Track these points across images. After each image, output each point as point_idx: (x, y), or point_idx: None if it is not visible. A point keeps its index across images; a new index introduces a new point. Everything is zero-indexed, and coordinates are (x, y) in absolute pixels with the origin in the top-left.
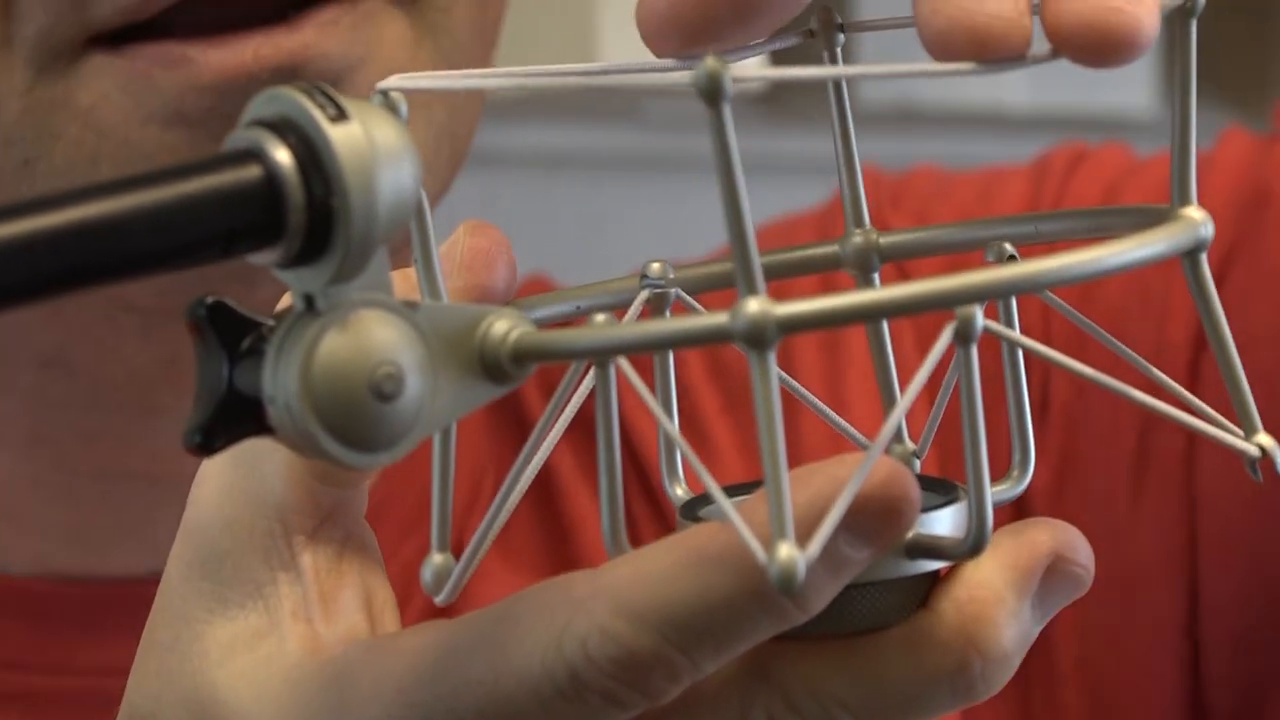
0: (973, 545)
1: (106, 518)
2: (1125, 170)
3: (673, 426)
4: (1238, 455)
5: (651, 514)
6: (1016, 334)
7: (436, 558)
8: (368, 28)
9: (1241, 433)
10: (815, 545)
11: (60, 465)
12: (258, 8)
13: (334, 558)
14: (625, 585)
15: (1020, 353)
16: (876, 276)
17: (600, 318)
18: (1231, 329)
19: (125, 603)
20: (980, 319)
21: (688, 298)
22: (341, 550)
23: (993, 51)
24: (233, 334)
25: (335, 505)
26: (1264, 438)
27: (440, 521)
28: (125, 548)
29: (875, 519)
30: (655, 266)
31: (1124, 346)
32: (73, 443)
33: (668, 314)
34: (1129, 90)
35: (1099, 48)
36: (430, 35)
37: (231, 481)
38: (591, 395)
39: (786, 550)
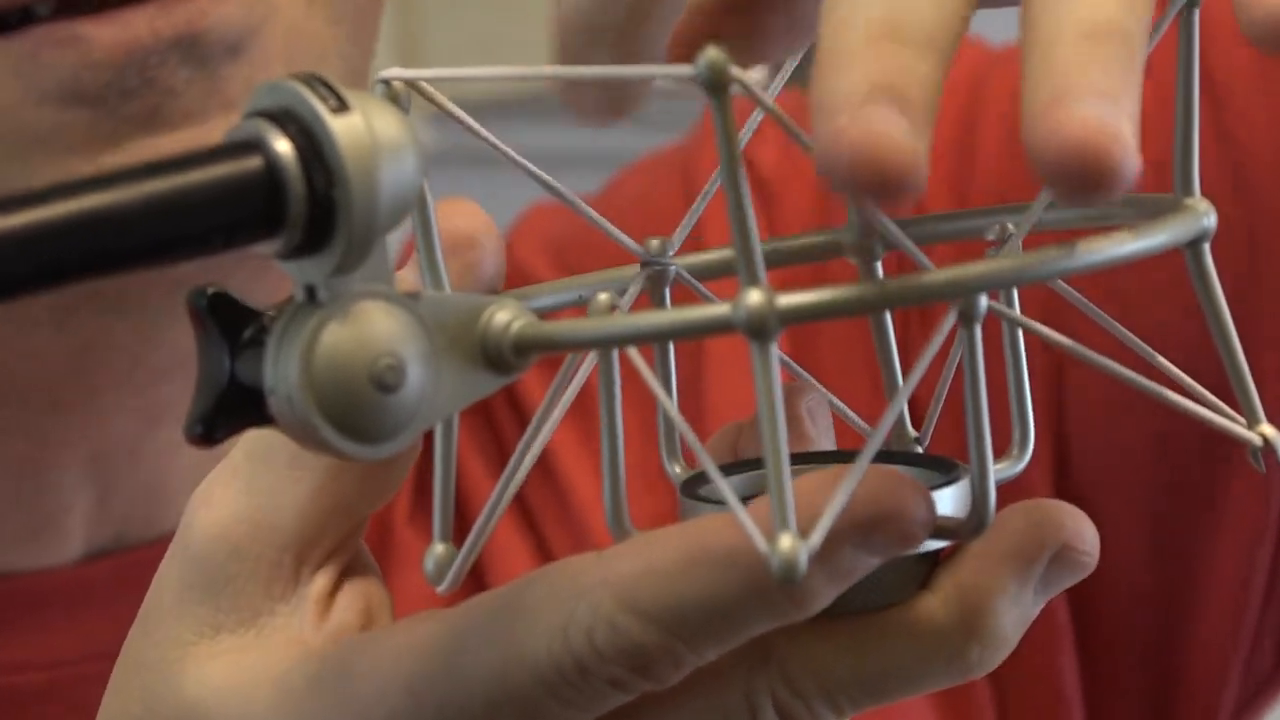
0: (975, 525)
1: (20, 514)
2: (985, 64)
3: (673, 407)
4: (1241, 445)
5: (557, 514)
6: (1018, 314)
7: (438, 547)
8: None
9: (1244, 421)
10: (817, 536)
11: None
12: None
13: (335, 581)
14: (631, 580)
15: (1020, 332)
16: (879, 265)
17: (603, 296)
18: None
19: (36, 596)
20: (985, 299)
21: (688, 275)
22: (343, 573)
23: None
24: (234, 324)
25: (346, 535)
26: (1267, 428)
27: (442, 512)
28: (41, 541)
29: (890, 538)
30: (654, 243)
31: (1128, 332)
32: None
33: (667, 292)
34: None
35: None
36: None
37: (242, 511)
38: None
39: (788, 542)
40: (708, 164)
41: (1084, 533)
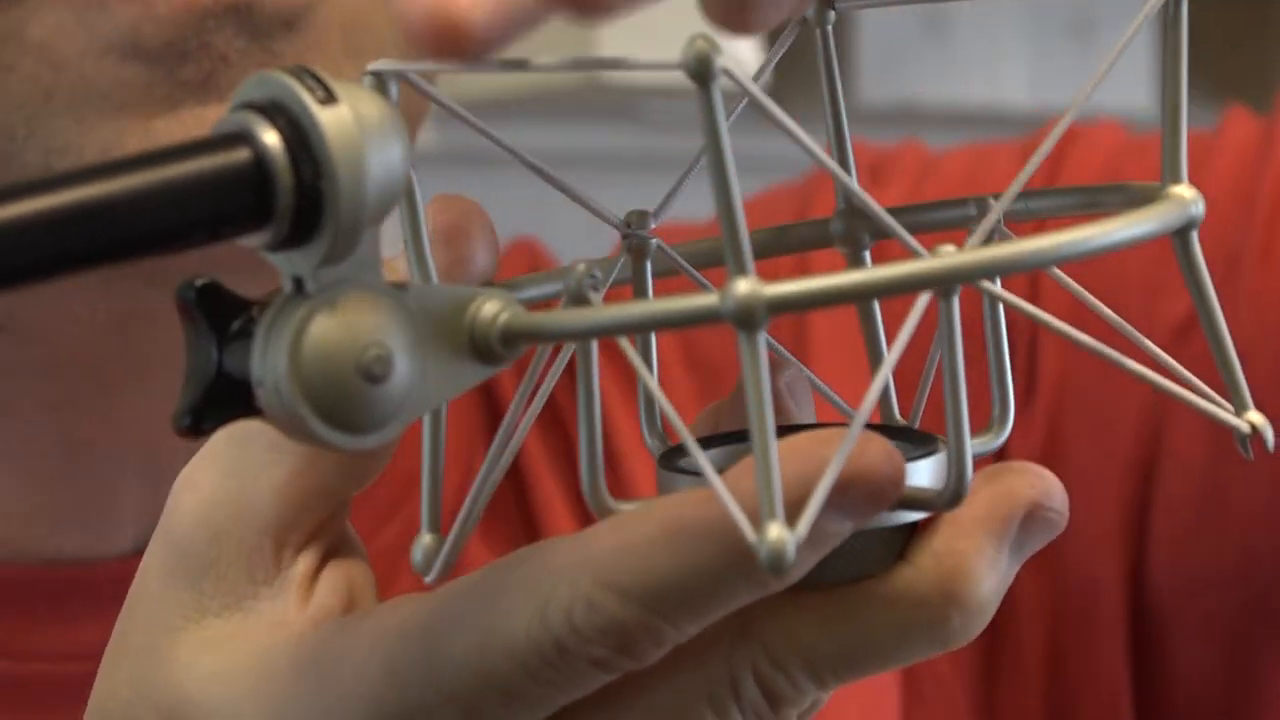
0: (951, 497)
1: (68, 495)
2: (1122, 149)
3: (653, 381)
4: (1229, 431)
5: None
6: (999, 289)
7: (426, 538)
8: None
9: (1232, 409)
10: (804, 526)
11: (23, 437)
12: None
13: (318, 564)
14: (608, 556)
15: (1001, 307)
16: (867, 254)
17: (580, 266)
18: (1247, 328)
19: (88, 585)
20: None
21: (669, 249)
22: (326, 555)
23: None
24: (222, 316)
25: (327, 517)
26: (1254, 415)
27: (430, 502)
28: (86, 527)
29: (860, 498)
30: (634, 215)
31: (1119, 318)
32: (34, 412)
33: (648, 266)
34: (1128, 90)
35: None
36: None
37: (222, 494)
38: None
39: (776, 531)
40: (824, 200)
41: (1051, 491)
